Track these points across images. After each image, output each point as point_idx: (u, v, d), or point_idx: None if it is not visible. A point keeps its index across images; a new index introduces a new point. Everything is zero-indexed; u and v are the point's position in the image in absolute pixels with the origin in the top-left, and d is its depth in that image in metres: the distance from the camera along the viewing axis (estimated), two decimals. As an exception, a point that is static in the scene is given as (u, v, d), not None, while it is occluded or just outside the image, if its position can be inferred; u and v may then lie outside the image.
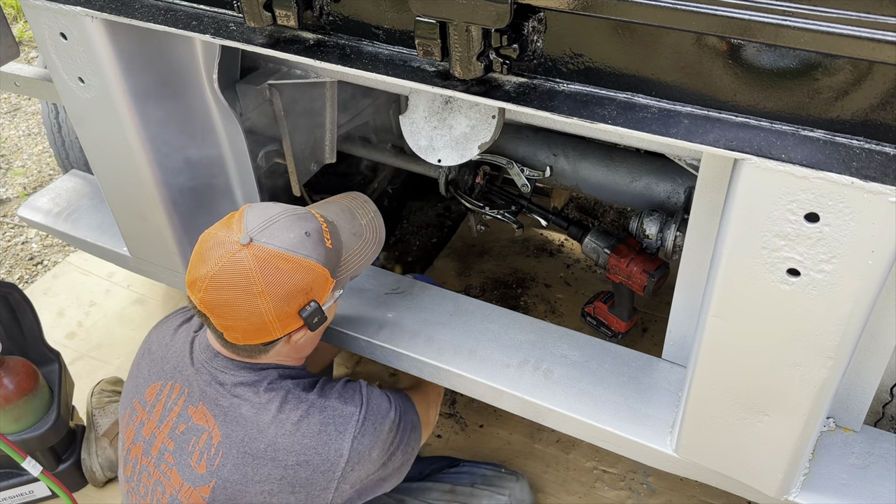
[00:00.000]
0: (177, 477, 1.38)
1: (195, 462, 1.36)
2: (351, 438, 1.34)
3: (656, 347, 1.50)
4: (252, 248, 1.26)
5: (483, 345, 1.56)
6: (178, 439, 1.39)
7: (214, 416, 1.37)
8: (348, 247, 1.43)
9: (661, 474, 2.07)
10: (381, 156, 2.13)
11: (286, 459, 1.33)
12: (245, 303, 1.26)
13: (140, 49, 1.44)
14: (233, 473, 1.34)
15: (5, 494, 2.04)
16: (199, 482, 1.35)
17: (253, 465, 1.33)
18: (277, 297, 1.27)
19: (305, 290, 1.30)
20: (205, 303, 1.28)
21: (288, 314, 1.29)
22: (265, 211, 1.33)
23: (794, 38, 0.84)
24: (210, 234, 1.32)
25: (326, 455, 1.33)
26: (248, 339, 1.31)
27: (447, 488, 1.86)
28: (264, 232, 1.28)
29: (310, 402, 1.36)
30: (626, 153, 1.82)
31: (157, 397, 1.45)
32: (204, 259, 1.28)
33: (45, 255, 3.07)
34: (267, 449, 1.33)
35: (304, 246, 1.30)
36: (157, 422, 1.43)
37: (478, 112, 1.43)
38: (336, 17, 1.17)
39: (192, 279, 1.30)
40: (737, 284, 1.06)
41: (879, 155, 0.87)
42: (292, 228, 1.31)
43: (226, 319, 1.28)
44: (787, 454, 1.22)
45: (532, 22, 0.98)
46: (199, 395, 1.39)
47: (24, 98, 4.01)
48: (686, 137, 0.95)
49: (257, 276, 1.25)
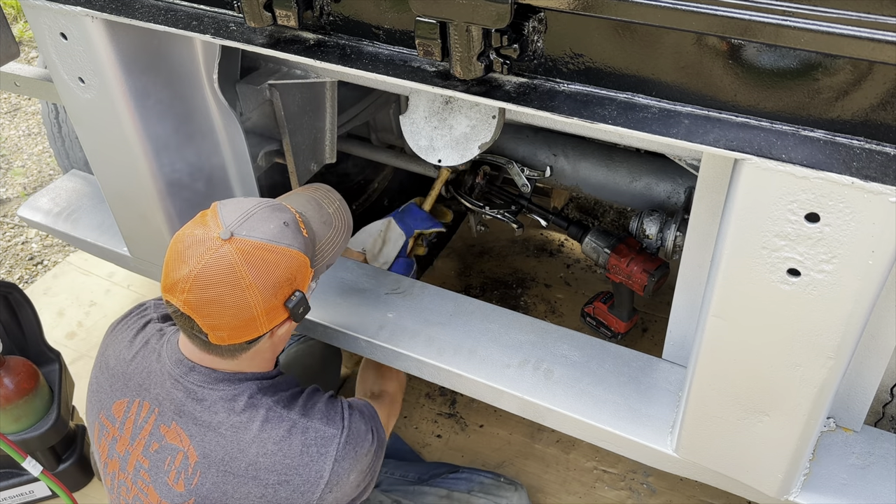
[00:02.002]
0: (154, 494, 1.36)
1: (172, 481, 1.34)
2: (332, 461, 1.33)
3: (656, 347, 1.50)
4: (234, 242, 1.23)
5: (483, 345, 1.56)
6: (152, 458, 1.37)
7: (190, 436, 1.33)
8: (320, 236, 1.42)
9: (661, 474, 2.07)
10: (379, 155, 2.13)
11: (267, 478, 1.31)
12: (233, 298, 1.23)
13: (140, 49, 1.44)
14: (212, 492, 1.32)
15: (5, 494, 2.04)
16: (178, 500, 1.33)
17: (233, 483, 1.31)
18: (266, 289, 1.25)
19: (290, 280, 1.28)
20: (189, 304, 1.23)
21: (275, 306, 1.27)
22: (239, 205, 1.31)
23: (795, 39, 0.84)
24: (184, 234, 1.28)
25: (307, 476, 1.32)
26: (235, 337, 1.27)
27: (444, 493, 1.85)
28: (244, 225, 1.26)
29: (292, 421, 1.34)
30: (627, 153, 1.82)
31: (125, 414, 1.41)
32: (183, 259, 1.24)
33: (45, 255, 3.07)
34: (248, 468, 1.31)
35: (286, 236, 1.29)
36: (128, 439, 1.39)
37: (478, 112, 1.43)
38: (336, 17, 1.17)
39: (171, 282, 1.25)
40: (737, 284, 1.06)
41: (880, 155, 0.87)
42: (270, 219, 1.29)
43: (213, 318, 1.24)
44: (788, 454, 1.22)
45: (532, 22, 0.98)
46: (173, 413, 1.35)
47: (24, 98, 4.01)
48: (686, 137, 0.95)
49: (244, 269, 1.23)
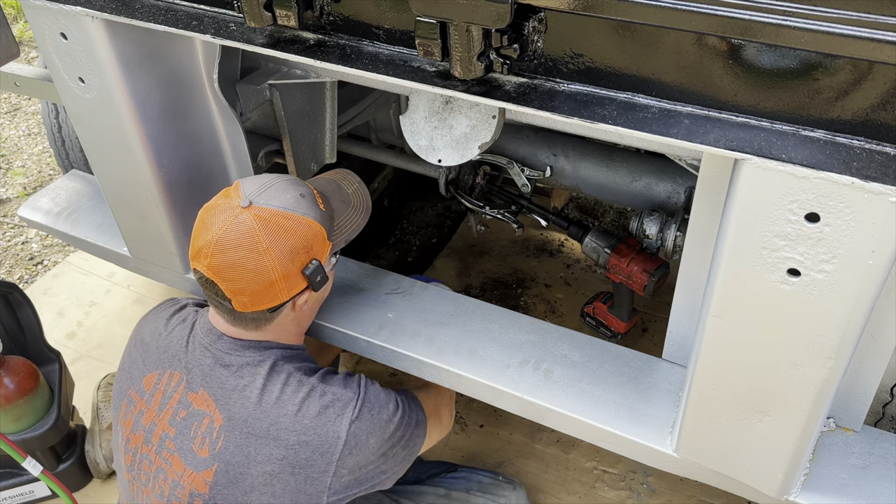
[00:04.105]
0: (179, 462, 1.40)
1: (197, 447, 1.39)
2: (349, 422, 1.37)
3: (656, 347, 1.50)
4: (253, 210, 1.33)
5: (483, 345, 1.56)
6: (179, 426, 1.42)
7: (216, 400, 1.40)
8: (339, 213, 1.51)
9: (661, 474, 2.07)
10: (380, 155, 2.13)
11: (288, 439, 1.35)
12: (252, 262, 1.31)
13: (140, 49, 1.44)
14: (235, 455, 1.36)
15: (5, 494, 2.04)
16: (202, 466, 1.38)
17: (255, 445, 1.36)
18: (282, 253, 1.33)
19: (307, 248, 1.36)
20: (212, 268, 1.33)
21: (292, 273, 1.35)
22: (259, 179, 1.41)
23: (795, 38, 0.84)
24: (210, 205, 1.39)
25: (325, 437, 1.36)
26: (257, 303, 1.36)
27: (442, 492, 1.86)
28: (262, 195, 1.36)
29: (311, 385, 1.40)
30: (627, 153, 1.82)
31: (155, 386, 1.48)
32: (207, 227, 1.35)
33: (45, 255, 3.07)
34: (269, 428, 1.36)
35: (301, 205, 1.38)
36: (156, 410, 1.46)
37: (478, 112, 1.44)
38: (336, 17, 1.17)
39: (196, 248, 1.35)
40: (737, 284, 1.06)
41: (880, 155, 0.87)
42: (288, 191, 1.39)
43: (234, 283, 1.33)
44: (788, 454, 1.22)
45: (532, 22, 0.98)
46: (201, 380, 1.42)
47: (24, 98, 4.01)
48: (686, 137, 0.95)
49: (261, 234, 1.31)
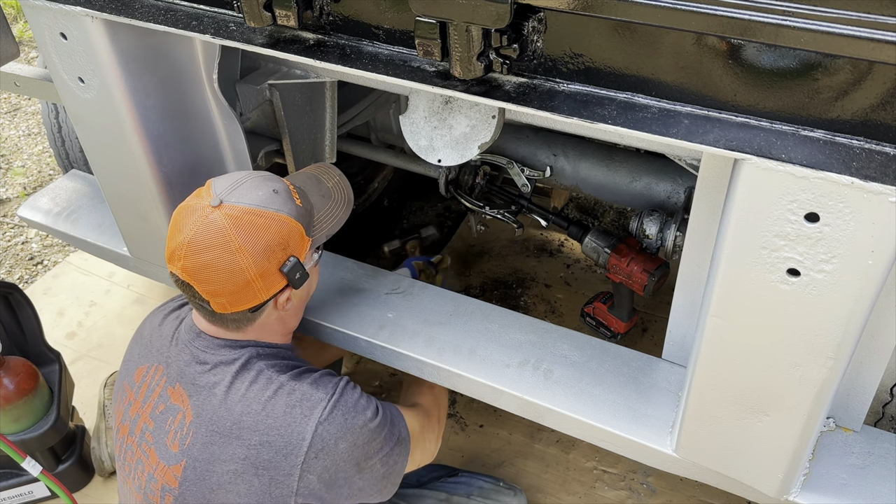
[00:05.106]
0: (154, 456, 1.40)
1: (170, 441, 1.38)
2: (315, 423, 1.32)
3: (656, 347, 1.50)
4: (223, 209, 1.30)
5: (483, 345, 1.56)
6: (157, 419, 1.42)
7: (189, 396, 1.38)
8: (319, 208, 1.46)
9: (661, 474, 2.07)
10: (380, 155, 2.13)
11: (250, 439, 1.32)
12: (225, 262, 1.28)
13: (140, 49, 1.44)
14: (202, 452, 1.34)
15: (5, 494, 2.04)
16: (173, 461, 1.37)
17: (220, 443, 1.33)
18: (256, 251, 1.29)
19: (283, 245, 1.33)
20: (186, 270, 1.30)
21: (269, 271, 1.32)
22: (231, 177, 1.38)
23: (794, 38, 0.84)
24: (182, 206, 1.36)
25: (289, 438, 1.31)
26: (235, 304, 1.33)
27: (443, 497, 1.85)
28: (233, 193, 1.32)
29: (280, 383, 1.36)
30: (626, 153, 1.82)
31: (143, 379, 1.48)
32: (179, 228, 1.32)
33: (45, 255, 3.07)
34: (233, 427, 1.33)
35: (274, 201, 1.34)
36: (141, 402, 1.46)
37: (478, 112, 1.43)
38: (336, 17, 1.17)
39: (170, 250, 1.33)
40: (737, 284, 1.06)
41: (879, 155, 0.87)
42: (260, 187, 1.35)
43: (209, 284, 1.30)
44: (787, 454, 1.22)
45: (532, 22, 0.98)
46: (177, 375, 1.41)
47: (24, 98, 4.01)
48: (686, 137, 0.95)
49: (232, 233, 1.28)
